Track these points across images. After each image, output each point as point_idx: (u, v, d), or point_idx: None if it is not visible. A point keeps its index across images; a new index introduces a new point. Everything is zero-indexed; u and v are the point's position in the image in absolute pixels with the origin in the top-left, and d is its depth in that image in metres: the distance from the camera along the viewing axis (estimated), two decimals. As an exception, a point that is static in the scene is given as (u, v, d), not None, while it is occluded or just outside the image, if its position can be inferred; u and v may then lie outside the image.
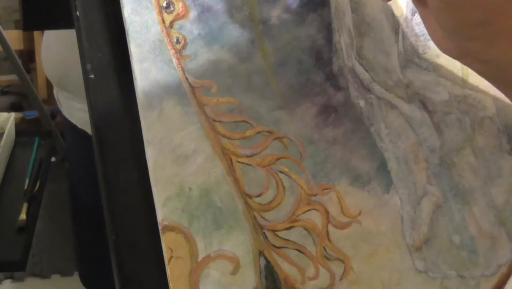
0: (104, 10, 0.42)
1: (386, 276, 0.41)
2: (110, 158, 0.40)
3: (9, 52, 1.31)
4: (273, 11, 0.42)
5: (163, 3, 0.40)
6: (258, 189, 0.40)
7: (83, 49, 0.41)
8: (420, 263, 0.42)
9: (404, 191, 0.43)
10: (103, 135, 0.40)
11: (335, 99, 0.43)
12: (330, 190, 0.41)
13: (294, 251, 0.39)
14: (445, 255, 0.42)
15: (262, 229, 0.39)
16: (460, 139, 0.44)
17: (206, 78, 0.41)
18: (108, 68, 0.41)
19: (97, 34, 0.41)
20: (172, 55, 0.40)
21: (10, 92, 2.20)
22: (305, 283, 0.39)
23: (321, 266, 0.40)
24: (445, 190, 0.43)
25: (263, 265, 0.39)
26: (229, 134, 0.40)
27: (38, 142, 1.21)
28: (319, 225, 0.40)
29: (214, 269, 0.38)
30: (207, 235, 0.38)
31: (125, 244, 0.39)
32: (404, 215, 0.42)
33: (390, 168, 0.43)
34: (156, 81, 0.40)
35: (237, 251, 0.38)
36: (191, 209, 0.38)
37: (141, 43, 0.40)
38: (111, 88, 0.41)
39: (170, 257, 0.37)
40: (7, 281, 1.72)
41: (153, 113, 0.39)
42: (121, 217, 0.39)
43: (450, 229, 0.43)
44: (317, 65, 0.42)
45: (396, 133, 0.43)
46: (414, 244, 0.42)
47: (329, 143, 0.42)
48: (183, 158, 0.39)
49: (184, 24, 0.41)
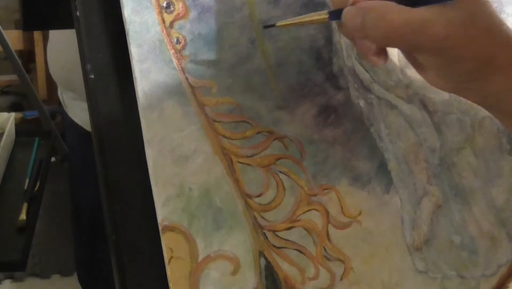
0: (104, 10, 0.42)
1: (386, 276, 0.41)
2: (110, 158, 0.40)
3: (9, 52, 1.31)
4: (273, 11, 0.42)
5: (163, 3, 0.40)
6: (258, 189, 0.40)
7: (83, 49, 0.41)
8: (420, 263, 0.42)
9: (404, 191, 0.43)
10: (103, 136, 0.40)
11: (335, 100, 0.43)
12: (330, 190, 0.41)
13: (294, 251, 0.39)
14: (445, 255, 0.42)
15: (262, 229, 0.39)
16: (460, 139, 0.44)
17: (206, 79, 0.41)
18: (108, 68, 0.41)
19: (97, 34, 0.41)
20: (172, 56, 0.40)
21: (10, 92, 2.20)
22: (305, 283, 0.39)
23: (321, 266, 0.40)
24: (445, 190, 0.43)
25: (263, 265, 0.39)
26: (229, 135, 0.40)
27: (38, 142, 1.21)
28: (319, 225, 0.40)
29: (214, 269, 0.38)
30: (207, 235, 0.38)
31: (125, 244, 0.39)
32: (404, 215, 0.42)
33: (390, 168, 0.43)
34: (156, 82, 0.40)
35: (237, 251, 0.38)
36: (191, 209, 0.38)
37: (141, 44, 0.40)
38: (111, 88, 0.41)
39: (170, 257, 0.37)
40: (7, 281, 1.72)
41: (153, 113, 0.39)
42: (121, 217, 0.39)
43: (450, 229, 0.43)
44: (317, 65, 0.42)
45: (396, 133, 0.43)
46: (414, 244, 0.42)
47: (329, 144, 0.42)
48: (183, 158, 0.39)
49: (184, 24, 0.41)
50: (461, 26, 0.33)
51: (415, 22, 0.33)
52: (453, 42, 0.33)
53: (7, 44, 1.29)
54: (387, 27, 0.33)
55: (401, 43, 0.36)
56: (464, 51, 0.34)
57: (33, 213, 1.03)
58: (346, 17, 0.36)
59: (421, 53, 0.36)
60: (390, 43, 0.36)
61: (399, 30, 0.33)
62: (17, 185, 1.08)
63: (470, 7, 0.33)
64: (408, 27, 0.33)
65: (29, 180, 1.09)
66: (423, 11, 0.33)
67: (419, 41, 0.34)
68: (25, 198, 1.05)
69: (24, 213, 1.01)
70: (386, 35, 0.34)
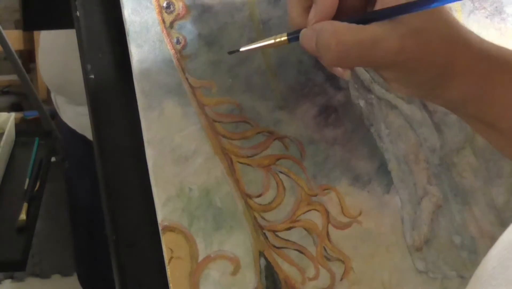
0: (104, 11, 0.42)
1: (386, 276, 0.41)
2: (110, 158, 0.40)
3: (9, 52, 1.31)
4: (273, 11, 0.42)
5: (163, 3, 0.40)
6: (258, 189, 0.40)
7: (83, 49, 0.41)
8: (421, 263, 0.42)
9: (405, 191, 0.43)
10: (103, 136, 0.40)
11: (335, 100, 0.43)
12: (330, 190, 0.41)
13: (294, 252, 0.39)
14: (446, 256, 0.42)
15: (262, 229, 0.39)
16: (460, 139, 0.44)
17: (206, 79, 0.41)
18: (108, 68, 0.41)
19: (97, 35, 0.41)
20: (172, 56, 0.40)
21: (10, 92, 2.20)
22: (305, 283, 0.39)
23: (321, 266, 0.40)
24: (446, 190, 0.43)
25: (263, 265, 0.39)
26: (229, 135, 0.40)
27: (38, 142, 1.21)
28: (320, 225, 0.40)
29: (214, 269, 0.38)
30: (207, 236, 0.38)
31: (125, 245, 0.39)
32: (404, 215, 0.42)
33: (390, 168, 0.43)
34: (156, 82, 0.40)
35: (237, 251, 0.38)
36: (191, 209, 0.38)
37: (141, 44, 0.40)
38: (111, 88, 0.41)
39: (170, 258, 0.37)
40: (7, 281, 1.72)
41: (153, 113, 0.39)
42: (121, 218, 0.39)
43: (450, 229, 0.43)
44: (317, 66, 0.42)
45: (396, 133, 0.43)
46: (414, 244, 0.42)
47: (329, 144, 0.42)
48: (183, 158, 0.39)
49: (184, 25, 0.41)
50: (413, 39, 0.33)
51: (367, 41, 0.33)
52: (406, 55, 0.33)
53: (7, 44, 1.29)
54: (340, 49, 0.34)
55: (356, 63, 0.36)
56: (419, 62, 0.34)
57: (33, 213, 1.03)
58: (303, 39, 0.36)
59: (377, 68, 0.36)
60: (344, 64, 0.37)
61: (351, 50, 0.33)
62: (17, 185, 1.08)
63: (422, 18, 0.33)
64: (360, 47, 0.33)
65: (29, 180, 1.09)
66: (375, 28, 0.34)
67: (372, 59, 0.34)
68: (25, 198, 1.05)
69: (24, 213, 1.01)
70: (339, 57, 0.34)
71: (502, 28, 0.47)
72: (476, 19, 0.46)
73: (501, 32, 0.47)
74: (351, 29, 0.34)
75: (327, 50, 0.34)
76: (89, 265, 1.12)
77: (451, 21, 0.35)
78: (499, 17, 0.47)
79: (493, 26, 0.47)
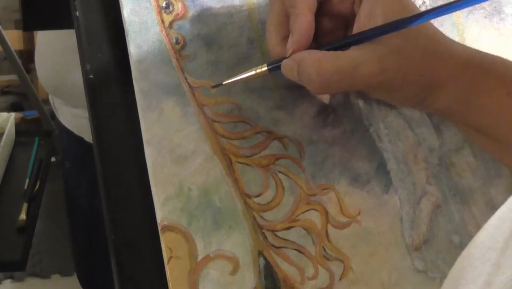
0: (103, 10, 0.42)
1: (385, 276, 0.41)
2: (109, 158, 0.40)
3: (9, 52, 1.32)
4: (272, 11, 0.42)
5: (162, 4, 0.41)
6: (257, 189, 0.40)
7: (82, 49, 0.41)
8: (420, 263, 0.42)
9: (403, 191, 0.43)
10: (102, 136, 0.40)
11: (334, 99, 0.43)
12: (330, 190, 0.41)
13: (293, 251, 0.39)
14: (444, 255, 0.42)
15: (262, 229, 0.39)
16: (459, 139, 0.44)
17: (206, 79, 0.41)
18: (107, 68, 0.41)
19: (97, 34, 0.41)
20: (171, 56, 0.40)
21: (10, 92, 2.20)
22: (305, 283, 0.39)
23: (320, 266, 0.40)
24: (445, 190, 0.43)
25: (263, 265, 0.39)
26: (229, 135, 0.40)
27: (38, 142, 1.21)
28: (319, 225, 0.40)
29: (213, 269, 0.38)
30: (206, 235, 0.38)
31: (124, 244, 0.39)
32: (403, 215, 0.42)
33: (389, 168, 0.43)
34: (156, 82, 0.40)
35: (237, 251, 0.38)
36: (191, 209, 0.38)
37: (141, 44, 0.40)
38: (110, 88, 0.41)
39: (169, 257, 0.37)
40: (7, 281, 1.72)
41: (153, 113, 0.39)
42: (121, 217, 0.39)
43: (449, 229, 0.43)
44: (317, 66, 0.42)
45: (395, 133, 0.43)
46: (413, 244, 0.42)
47: (328, 144, 0.42)
48: (183, 158, 0.39)
49: (183, 25, 0.41)
50: (393, 59, 0.33)
51: (346, 67, 0.34)
52: (388, 75, 0.34)
53: (7, 44, 1.29)
54: (321, 79, 0.34)
55: (339, 89, 0.37)
56: (402, 81, 0.34)
57: (33, 213, 1.03)
58: (284, 70, 0.37)
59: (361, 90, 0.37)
60: (328, 92, 0.38)
61: (332, 78, 0.34)
62: (17, 185, 1.08)
63: (402, 36, 0.33)
64: (340, 74, 0.34)
65: (29, 180, 1.09)
66: (353, 53, 0.34)
67: (355, 83, 0.34)
68: (25, 198, 1.05)
69: (24, 213, 1.01)
70: (321, 86, 0.35)
71: (501, 28, 0.47)
72: (474, 19, 0.47)
73: (500, 32, 0.47)
74: (330, 57, 0.34)
75: (309, 80, 0.35)
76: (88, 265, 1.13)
77: (432, 34, 0.35)
78: (498, 17, 0.47)
79: (492, 26, 0.47)
